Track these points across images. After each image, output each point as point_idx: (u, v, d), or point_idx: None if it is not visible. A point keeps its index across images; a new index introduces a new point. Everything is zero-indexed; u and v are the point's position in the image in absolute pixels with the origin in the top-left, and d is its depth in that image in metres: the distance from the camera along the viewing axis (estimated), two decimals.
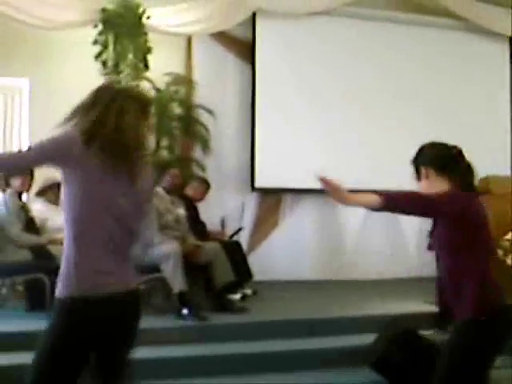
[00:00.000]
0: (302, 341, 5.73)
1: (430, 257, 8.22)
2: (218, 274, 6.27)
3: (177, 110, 8.25)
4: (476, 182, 3.37)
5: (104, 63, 7.57)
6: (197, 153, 8.41)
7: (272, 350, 5.51)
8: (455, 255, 3.20)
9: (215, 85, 8.56)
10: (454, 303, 3.25)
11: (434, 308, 6.49)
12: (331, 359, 5.47)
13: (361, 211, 9.03)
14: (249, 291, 7.14)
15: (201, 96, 8.38)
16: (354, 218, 9.00)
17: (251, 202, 8.73)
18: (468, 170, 3.33)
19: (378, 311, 6.46)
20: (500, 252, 6.40)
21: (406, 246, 9.20)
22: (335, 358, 5.47)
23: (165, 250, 5.88)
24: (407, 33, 9.24)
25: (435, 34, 9.32)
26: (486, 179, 7.01)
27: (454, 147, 3.38)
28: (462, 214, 3.13)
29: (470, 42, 9.53)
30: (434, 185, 3.29)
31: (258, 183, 8.60)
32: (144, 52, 7.72)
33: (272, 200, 8.82)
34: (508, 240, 6.44)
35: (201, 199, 7.42)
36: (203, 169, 8.24)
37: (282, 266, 8.53)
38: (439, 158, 3.34)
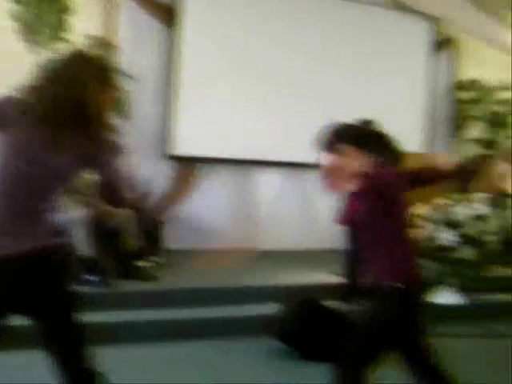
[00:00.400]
0: (209, 309, 5.76)
1: (341, 229, 8.41)
2: (128, 241, 6.22)
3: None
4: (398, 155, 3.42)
5: (22, 23, 7.31)
6: (113, 116, 8.24)
7: (180, 318, 5.52)
8: (374, 227, 3.24)
9: (137, 49, 8.39)
10: (371, 273, 3.30)
11: (341, 280, 6.64)
12: (237, 328, 5.52)
13: (275, 181, 9.14)
14: (159, 259, 7.09)
15: (121, 60, 8.21)
16: (268, 188, 9.06)
17: (166, 169, 8.64)
18: (390, 144, 3.38)
19: (285, 281, 6.55)
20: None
21: (317, 218, 9.32)
22: (241, 327, 5.54)
23: (74, 215, 5.77)
24: (329, 7, 9.25)
25: (357, 9, 9.37)
26: None
27: (370, 122, 3.42)
28: (385, 189, 3.19)
29: (391, 20, 9.62)
30: (352, 161, 3.27)
31: (173, 150, 8.52)
32: (64, 12, 7.49)
33: (186, 168, 8.75)
34: (418, 214, 6.60)
35: None
36: (118, 133, 8.07)
37: (196, 235, 8.50)
38: (362, 135, 3.38)
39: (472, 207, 6.60)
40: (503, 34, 9.94)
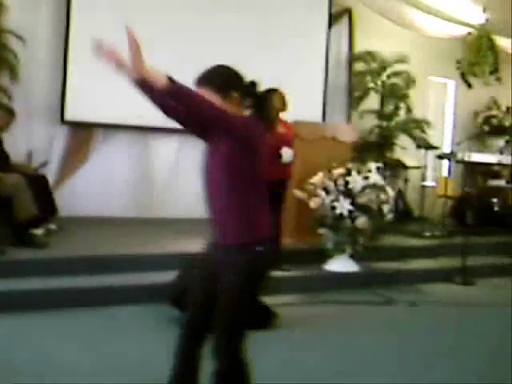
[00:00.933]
0: (102, 277, 5.67)
1: None
2: (20, 208, 6.02)
3: None
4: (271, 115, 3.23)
5: None
6: (4, 80, 7.91)
7: (73, 286, 5.41)
8: (230, 184, 3.02)
9: (28, 10, 8.05)
10: (222, 229, 3.04)
11: None
12: (132, 296, 5.47)
13: (173, 148, 9.03)
14: (53, 226, 6.91)
15: (12, 20, 7.86)
16: (165, 156, 8.96)
17: (60, 134, 8.37)
18: (264, 101, 3.20)
19: (181, 249, 6.50)
20: (304, 195, 6.64)
21: None
22: (136, 295, 5.49)
23: None
24: None
25: None
26: (296, 124, 7.21)
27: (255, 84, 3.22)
28: (247, 138, 2.98)
29: None
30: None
31: (69, 116, 8.26)
32: None
33: (82, 134, 8.51)
34: (312, 184, 6.68)
35: (4, 129, 7.01)
36: (9, 97, 7.78)
37: (91, 202, 8.32)
38: (231, 84, 3.12)
39: (367, 176, 6.70)
40: (401, 8, 10.11)
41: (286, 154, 6.25)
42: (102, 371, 4.09)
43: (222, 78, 3.09)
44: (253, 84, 3.12)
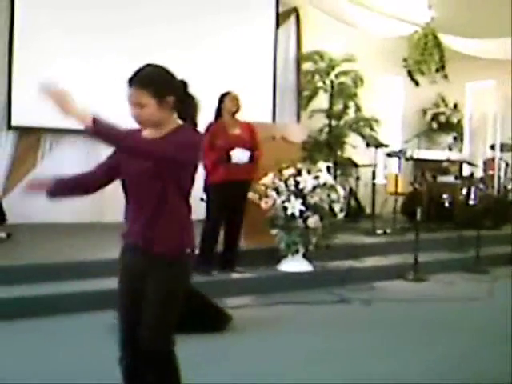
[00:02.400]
0: (51, 285, 5.57)
1: (191, 199, 8.31)
2: None
3: None
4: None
5: None
6: None
7: (26, 295, 5.31)
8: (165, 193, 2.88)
9: None
10: (152, 240, 2.89)
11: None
12: (85, 302, 5.39)
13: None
14: (2, 234, 6.79)
15: None
16: None
17: (7, 140, 8.25)
18: (194, 103, 3.08)
19: None
20: (255, 196, 6.63)
21: None
22: (89, 301, 5.40)
23: None
24: None
25: None
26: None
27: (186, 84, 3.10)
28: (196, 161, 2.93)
29: None
30: (156, 115, 2.85)
31: (15, 121, 8.14)
32: None
33: (30, 139, 8.40)
34: (263, 185, 6.67)
35: None
36: None
37: (40, 209, 8.16)
38: (169, 86, 2.90)
39: (317, 176, 6.73)
40: (347, 7, 10.18)
41: (238, 155, 6.25)
42: (49, 379, 4.00)
43: (159, 81, 2.87)
44: (184, 84, 3.02)
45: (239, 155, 6.26)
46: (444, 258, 8.17)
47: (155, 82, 2.84)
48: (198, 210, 8.12)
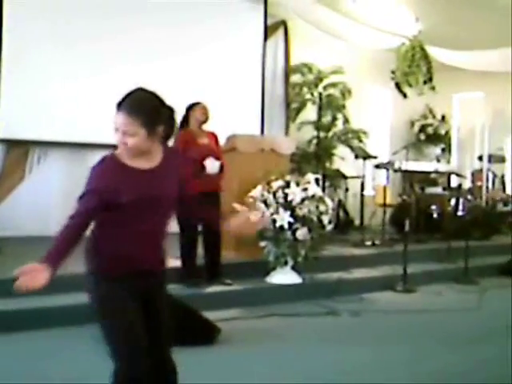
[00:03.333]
0: (41, 298, 5.52)
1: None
2: None
3: None
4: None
5: None
6: None
7: (15, 308, 5.27)
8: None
9: None
10: (163, 261, 3.03)
11: (179, 263, 6.60)
12: (74, 315, 5.36)
13: None
14: None
15: None
16: None
17: None
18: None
19: None
20: (244, 208, 6.61)
21: None
22: (78, 314, 5.37)
23: None
24: None
25: None
26: (234, 137, 7.22)
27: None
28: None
29: (225, 2, 9.57)
30: (144, 145, 2.79)
31: (4, 134, 8.11)
32: None
33: (18, 152, 8.36)
34: (251, 197, 6.67)
35: None
36: None
37: (29, 222, 8.16)
38: (159, 116, 2.82)
39: (306, 188, 6.73)
40: (334, 19, 10.22)
41: (212, 164, 6.24)
42: None
43: (150, 111, 2.76)
44: (171, 111, 2.99)
45: (212, 165, 6.25)
46: (433, 268, 8.18)
47: (146, 112, 2.74)
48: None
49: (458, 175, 10.30)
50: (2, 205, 8.15)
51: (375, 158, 9.62)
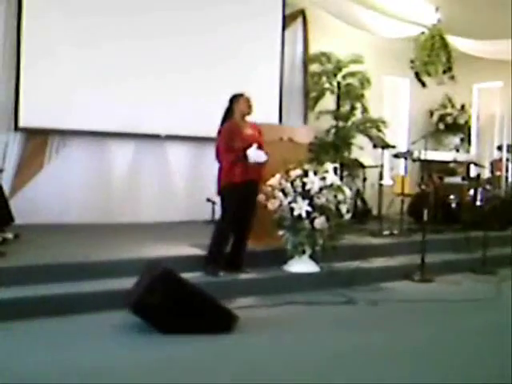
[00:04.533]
0: (61, 285, 5.59)
1: (197, 200, 8.43)
2: None
3: None
4: None
5: None
6: None
7: (31, 295, 5.32)
8: None
9: None
10: None
11: (199, 251, 6.65)
12: (93, 303, 5.42)
13: (130, 153, 9.00)
14: (10, 235, 6.81)
15: None
16: (123, 160, 8.92)
17: (15, 142, 8.27)
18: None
19: (140, 254, 6.46)
20: (262, 197, 6.64)
21: (174, 189, 9.30)
22: (97, 302, 5.43)
23: None
24: None
25: None
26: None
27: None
28: None
29: None
30: None
31: (23, 122, 8.17)
32: None
33: (38, 140, 8.42)
34: (270, 186, 6.68)
35: None
36: None
37: (48, 210, 8.24)
38: None
39: (324, 177, 6.74)
40: (353, 9, 10.18)
41: (256, 154, 6.28)
42: (63, 380, 4.03)
43: None
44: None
45: (256, 155, 6.28)
46: (451, 258, 8.16)
47: None
48: (203, 211, 8.20)
49: (476, 165, 10.24)
50: (21, 193, 8.22)
51: (394, 147, 9.57)
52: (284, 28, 10.07)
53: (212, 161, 6.52)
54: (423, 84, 11.35)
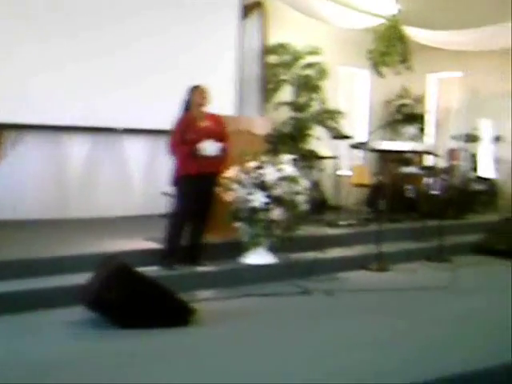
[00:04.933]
0: (17, 282, 5.55)
1: (154, 194, 8.37)
2: None
3: None
4: None
5: None
6: None
7: None
8: None
9: None
10: None
11: (155, 245, 6.64)
12: (48, 299, 5.38)
13: (87, 147, 8.93)
14: None
15: None
16: (79, 155, 8.84)
17: None
18: None
19: (97, 249, 6.43)
20: (219, 189, 6.65)
21: (130, 183, 9.25)
22: (52, 298, 5.40)
23: None
24: None
25: None
26: None
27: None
28: None
29: None
30: None
31: None
32: None
33: None
34: (227, 177, 6.69)
35: None
36: None
37: (4, 206, 8.13)
38: None
39: (281, 168, 6.76)
40: (314, 0, 10.20)
41: (209, 147, 6.28)
42: (11, 372, 4.00)
43: None
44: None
45: (209, 147, 6.29)
46: (407, 247, 8.28)
47: None
48: (160, 204, 8.19)
49: (433, 154, 10.36)
50: None
51: (351, 138, 9.64)
52: (242, 19, 10.03)
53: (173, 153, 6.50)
54: (381, 74, 11.43)
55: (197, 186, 6.31)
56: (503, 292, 6.42)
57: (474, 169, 11.48)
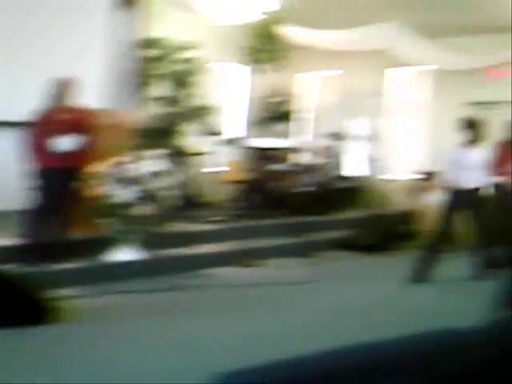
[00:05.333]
0: None
1: (13, 189, 8.03)
2: None
3: None
4: None
5: None
6: None
7: None
8: None
9: None
10: None
11: (20, 241, 6.38)
12: None
13: None
14: None
15: None
16: None
17: None
18: None
19: None
20: (87, 184, 6.51)
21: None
22: None
23: None
24: None
25: None
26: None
27: None
28: None
29: None
30: None
31: None
32: None
33: None
34: (96, 172, 6.57)
35: None
36: None
37: None
38: None
39: (151, 164, 6.70)
40: None
41: (63, 142, 6.12)
42: None
43: None
44: None
45: (64, 142, 6.14)
46: (277, 243, 8.38)
47: None
48: (19, 200, 7.92)
49: (303, 152, 10.56)
50: None
51: (223, 134, 9.67)
52: (116, 11, 9.83)
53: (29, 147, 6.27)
54: (255, 71, 11.51)
55: (56, 181, 6.14)
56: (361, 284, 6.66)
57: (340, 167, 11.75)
